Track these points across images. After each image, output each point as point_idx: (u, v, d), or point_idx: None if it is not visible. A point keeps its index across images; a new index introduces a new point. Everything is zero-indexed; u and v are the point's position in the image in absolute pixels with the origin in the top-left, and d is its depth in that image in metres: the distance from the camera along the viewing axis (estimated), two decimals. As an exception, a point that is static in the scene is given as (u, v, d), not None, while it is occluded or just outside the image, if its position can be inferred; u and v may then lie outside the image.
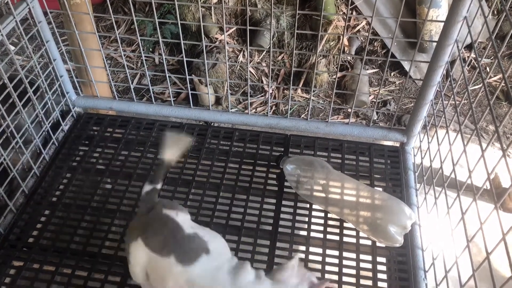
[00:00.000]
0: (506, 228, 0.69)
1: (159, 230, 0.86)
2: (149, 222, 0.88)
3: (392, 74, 2.73)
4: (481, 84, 0.88)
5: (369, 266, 1.05)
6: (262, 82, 2.61)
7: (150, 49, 2.78)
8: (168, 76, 1.31)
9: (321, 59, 2.56)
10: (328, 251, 1.07)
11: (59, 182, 1.24)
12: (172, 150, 1.01)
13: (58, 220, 1.15)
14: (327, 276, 1.02)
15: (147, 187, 0.96)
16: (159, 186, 0.97)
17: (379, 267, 1.05)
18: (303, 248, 1.08)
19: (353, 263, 1.05)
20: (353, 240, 1.09)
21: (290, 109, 2.50)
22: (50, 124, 1.31)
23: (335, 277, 1.02)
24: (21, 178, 1.18)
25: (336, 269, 1.04)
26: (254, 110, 2.54)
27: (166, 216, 0.88)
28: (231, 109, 1.55)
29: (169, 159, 1.00)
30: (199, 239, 0.87)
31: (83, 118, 1.42)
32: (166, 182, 1.22)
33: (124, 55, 2.82)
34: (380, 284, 1.02)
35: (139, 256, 0.85)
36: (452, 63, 2.48)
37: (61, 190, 1.22)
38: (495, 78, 2.70)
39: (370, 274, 1.03)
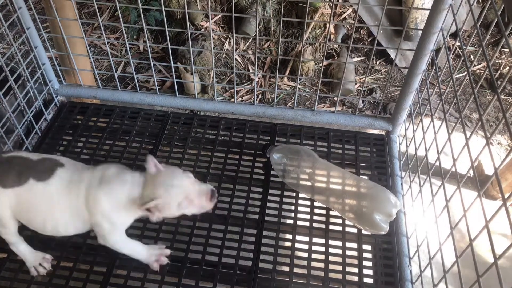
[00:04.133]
0: (489, 215, 0.70)
1: (7, 168, 0.88)
2: None
3: (378, 62, 2.74)
4: (466, 72, 0.88)
5: (355, 253, 1.06)
6: (248, 70, 2.60)
7: (135, 37, 2.74)
8: (153, 64, 1.30)
9: (307, 47, 2.55)
10: (315, 239, 1.08)
11: (42, 172, 1.21)
12: None
13: (42, 210, 1.13)
14: (313, 264, 1.03)
15: None
16: None
17: (365, 255, 1.06)
18: (289, 236, 1.08)
19: (339, 251, 1.06)
20: (339, 228, 1.10)
21: (277, 97, 2.49)
22: (32, 113, 1.28)
23: (321, 265, 1.03)
24: (3, 169, 1.16)
25: (322, 257, 1.05)
26: (240, 99, 2.53)
27: (7, 157, 0.91)
28: (217, 97, 1.54)
29: None
30: (50, 159, 0.91)
31: (67, 107, 1.40)
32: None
33: (108, 42, 2.77)
34: (365, 271, 1.03)
35: (3, 201, 0.88)
36: (437, 51, 2.50)
37: (44, 180, 1.20)
38: (479, 67, 2.72)
39: (356, 261, 1.04)
